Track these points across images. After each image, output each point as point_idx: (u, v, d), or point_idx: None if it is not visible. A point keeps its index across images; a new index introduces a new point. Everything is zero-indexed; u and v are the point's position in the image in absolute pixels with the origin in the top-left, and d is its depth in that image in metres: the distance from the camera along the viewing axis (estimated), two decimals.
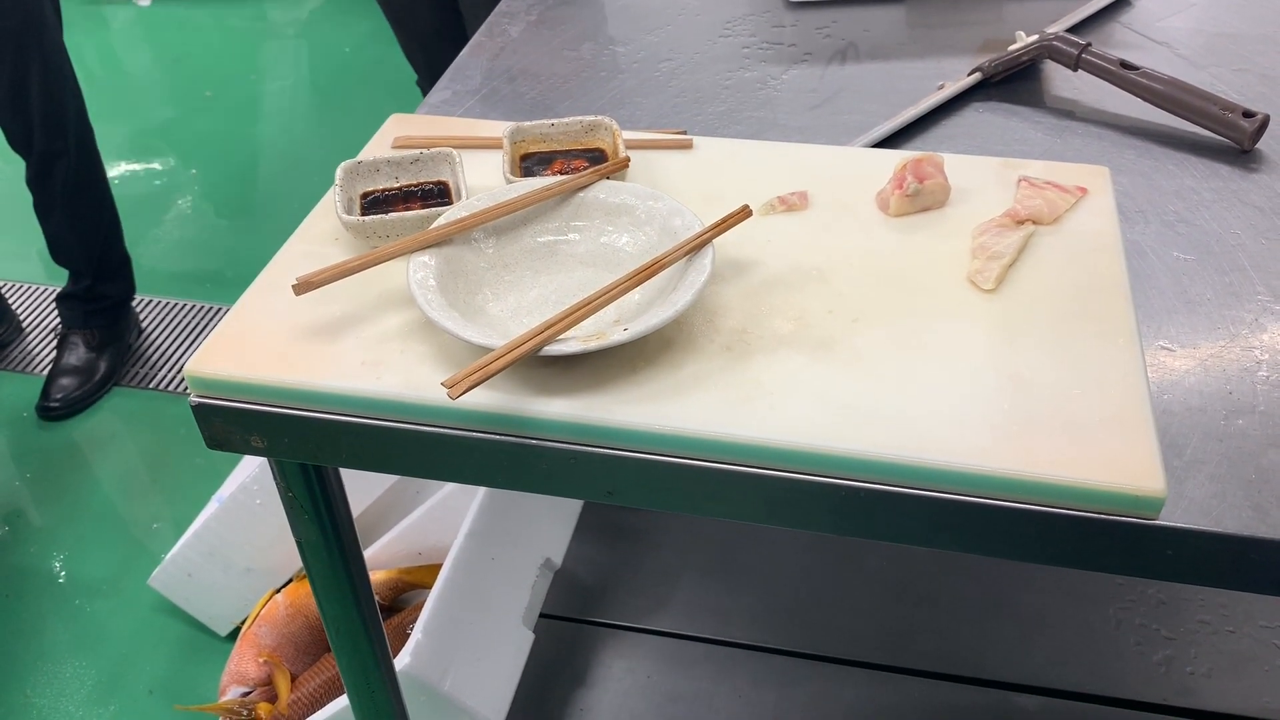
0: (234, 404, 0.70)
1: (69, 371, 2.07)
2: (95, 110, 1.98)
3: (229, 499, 1.52)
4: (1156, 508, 0.60)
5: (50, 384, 2.06)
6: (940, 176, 0.80)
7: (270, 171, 2.75)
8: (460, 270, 0.74)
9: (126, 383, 2.11)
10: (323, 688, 1.44)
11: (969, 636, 1.41)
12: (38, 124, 1.87)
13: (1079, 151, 0.96)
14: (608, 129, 0.86)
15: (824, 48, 1.15)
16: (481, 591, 1.32)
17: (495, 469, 0.69)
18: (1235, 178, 0.91)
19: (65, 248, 2.05)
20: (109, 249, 2.08)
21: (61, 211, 1.99)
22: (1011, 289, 0.73)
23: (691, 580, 1.51)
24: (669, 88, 1.09)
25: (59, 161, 1.93)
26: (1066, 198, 0.80)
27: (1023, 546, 0.63)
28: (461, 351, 0.69)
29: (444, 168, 0.84)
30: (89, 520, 1.85)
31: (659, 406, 0.65)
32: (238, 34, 3.42)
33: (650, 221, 0.76)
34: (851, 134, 0.99)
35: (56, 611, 1.69)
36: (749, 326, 0.71)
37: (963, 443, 0.62)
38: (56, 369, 2.07)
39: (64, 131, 1.90)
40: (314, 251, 0.79)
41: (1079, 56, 1.03)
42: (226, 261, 2.45)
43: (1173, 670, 1.35)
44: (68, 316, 2.12)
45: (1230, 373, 0.71)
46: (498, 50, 1.17)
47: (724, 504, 0.66)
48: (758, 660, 1.41)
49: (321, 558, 0.84)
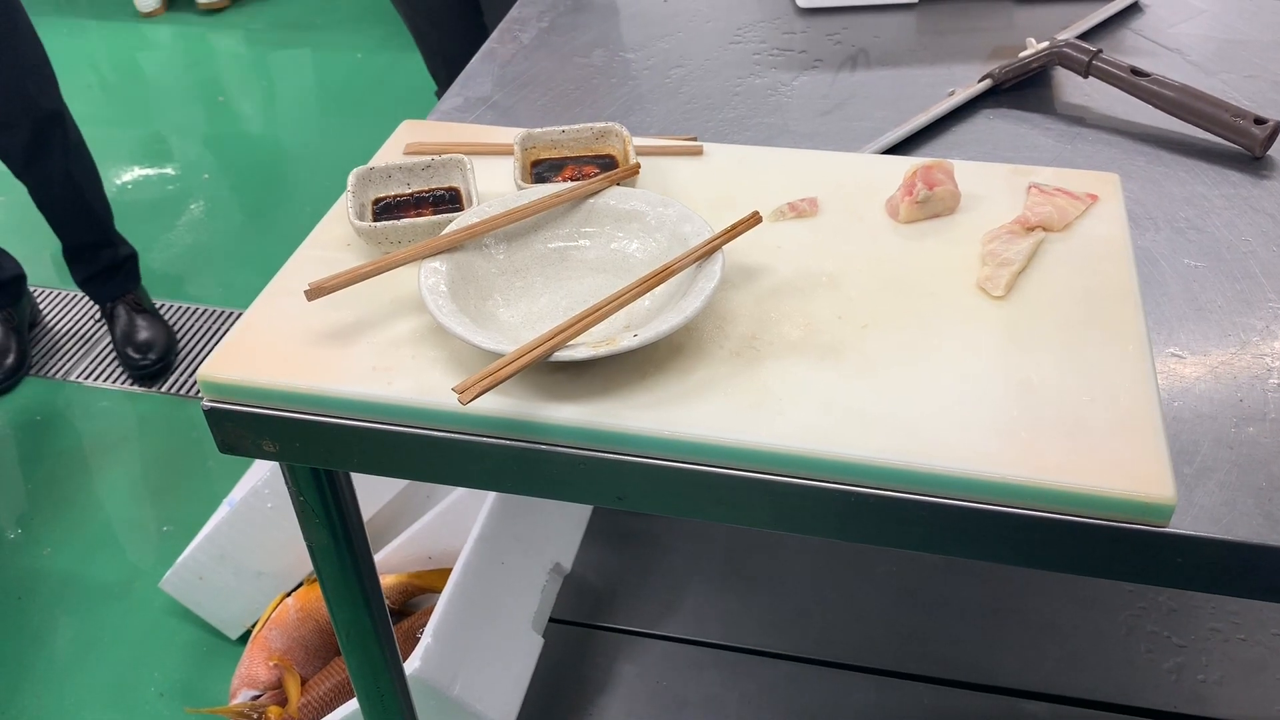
0: (246, 409, 0.71)
1: (145, 330, 2.15)
2: (109, 116, 1.99)
3: (240, 503, 1.52)
4: (1166, 515, 0.60)
5: (131, 348, 2.12)
6: (950, 183, 0.80)
7: (282, 177, 2.76)
8: (471, 276, 0.74)
9: (137, 386, 2.13)
10: (333, 691, 1.45)
11: (979, 643, 1.41)
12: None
13: (1089, 158, 0.96)
14: (618, 135, 0.86)
15: (834, 54, 1.15)
16: (491, 596, 1.32)
17: (505, 474, 0.69)
18: (1246, 184, 0.91)
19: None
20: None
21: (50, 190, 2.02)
22: (1021, 296, 0.73)
23: (701, 585, 1.50)
24: (679, 94, 1.09)
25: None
26: (1077, 204, 0.80)
27: (1032, 553, 0.63)
28: (472, 357, 0.69)
29: (455, 174, 0.84)
30: (101, 523, 1.86)
31: (669, 412, 0.65)
32: (250, 39, 3.44)
33: (660, 228, 0.77)
34: (861, 140, 0.99)
35: (68, 614, 1.70)
36: (759, 332, 0.71)
37: (972, 449, 0.62)
38: (130, 334, 2.13)
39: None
40: (326, 257, 0.80)
41: (1090, 63, 1.03)
42: (239, 266, 2.46)
43: (1184, 678, 1.35)
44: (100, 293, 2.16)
45: (1241, 380, 0.71)
46: (509, 57, 1.17)
47: (733, 510, 0.66)
48: (767, 666, 1.41)
49: (332, 562, 0.85)
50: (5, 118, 1.91)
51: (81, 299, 2.33)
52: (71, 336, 2.26)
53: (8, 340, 2.15)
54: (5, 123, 1.92)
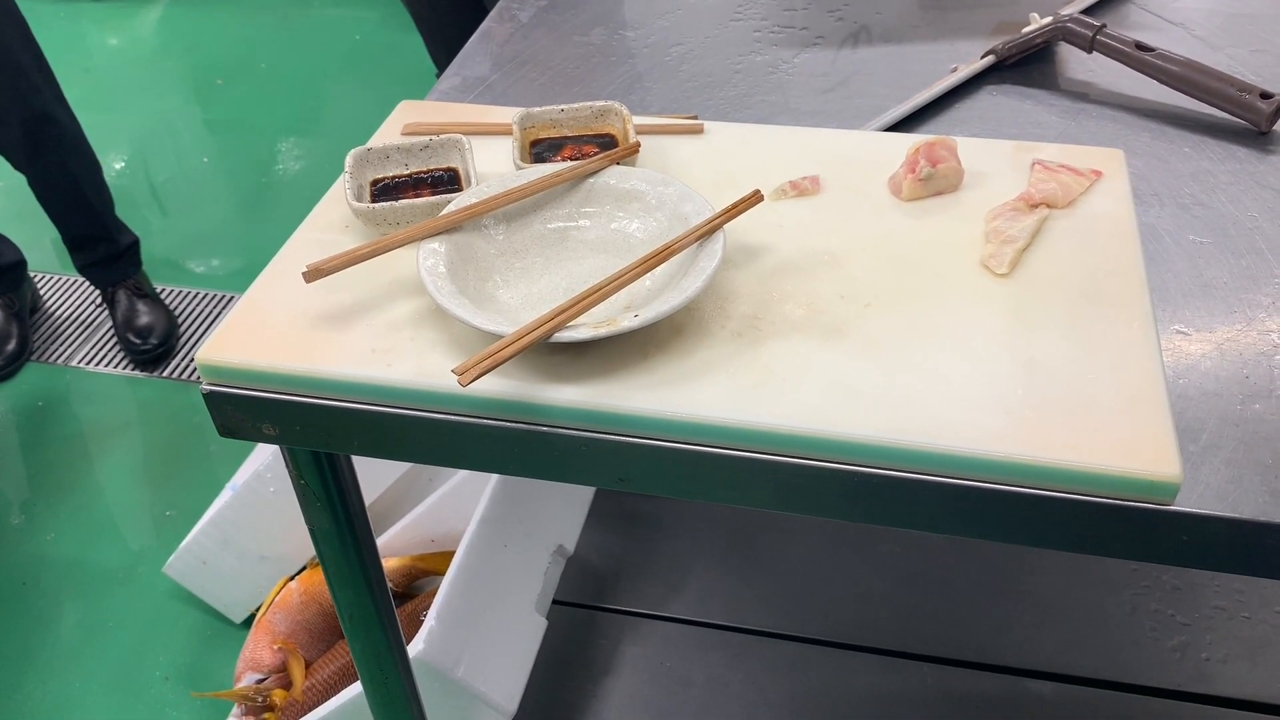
0: (245, 392, 0.70)
1: (145, 315, 2.14)
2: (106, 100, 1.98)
3: (243, 487, 1.52)
4: (1172, 493, 0.59)
5: (132, 333, 2.12)
6: (953, 160, 0.80)
7: (280, 159, 2.75)
8: (470, 257, 0.73)
9: (139, 371, 2.12)
10: (337, 674, 1.45)
11: (982, 622, 1.41)
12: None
13: (1093, 134, 0.95)
14: (618, 114, 0.85)
15: (836, 31, 1.14)
16: (494, 578, 1.32)
17: (507, 456, 0.69)
18: (1252, 160, 0.90)
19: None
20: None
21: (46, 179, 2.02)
22: (1025, 273, 0.73)
23: (704, 566, 1.51)
24: (679, 72, 1.08)
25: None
26: (1081, 181, 0.80)
27: (1036, 532, 0.63)
28: (472, 338, 0.69)
29: (454, 154, 0.83)
30: (104, 508, 1.86)
31: (670, 393, 0.65)
32: (248, 22, 3.42)
33: (661, 207, 0.76)
34: (864, 118, 0.98)
35: (72, 599, 1.70)
36: (760, 312, 0.70)
37: (976, 428, 0.62)
38: (130, 319, 2.12)
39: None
40: (324, 239, 0.79)
41: (1094, 38, 1.02)
42: (237, 249, 2.46)
43: (1188, 656, 1.35)
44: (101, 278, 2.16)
45: (1247, 357, 0.71)
46: (507, 36, 1.16)
47: (736, 490, 0.66)
48: (770, 646, 1.41)
49: (334, 545, 0.84)
50: None
51: (82, 284, 2.32)
52: (72, 322, 2.26)
53: (9, 326, 2.15)
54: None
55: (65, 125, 1.99)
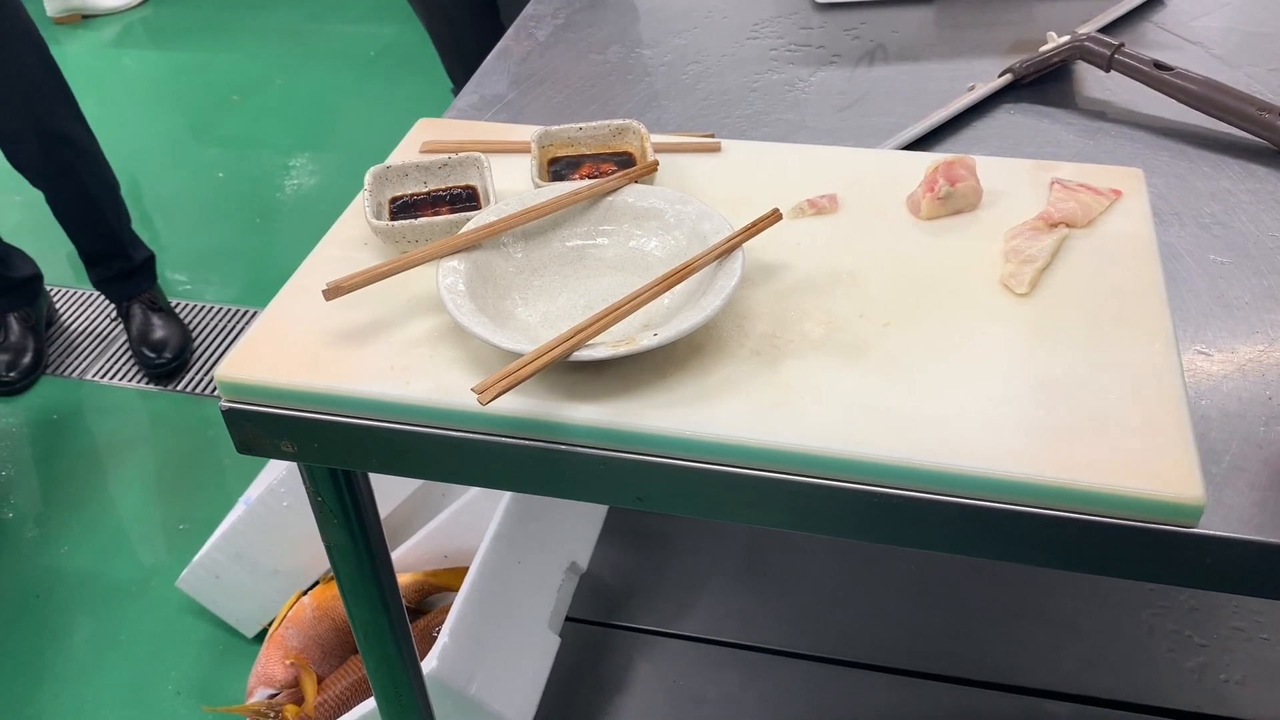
0: (264, 409, 0.71)
1: (160, 329, 2.16)
2: (123, 116, 1.99)
3: (256, 501, 1.52)
4: (1195, 515, 0.59)
5: (146, 347, 2.14)
6: (972, 179, 0.80)
7: (295, 175, 2.76)
8: (489, 275, 0.73)
9: (153, 385, 2.13)
10: (349, 690, 1.45)
11: (998, 642, 1.40)
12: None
13: (1112, 153, 0.95)
14: (635, 132, 0.86)
15: (852, 49, 1.14)
16: (507, 595, 1.32)
17: (524, 474, 0.68)
18: (1272, 179, 0.90)
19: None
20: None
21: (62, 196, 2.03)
22: (1045, 293, 0.72)
23: (718, 584, 1.50)
24: (696, 90, 1.08)
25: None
26: (1100, 200, 0.79)
27: (1058, 554, 0.62)
28: (491, 357, 0.69)
29: (472, 172, 0.84)
30: (117, 522, 1.86)
31: (688, 412, 0.65)
32: (263, 38, 3.44)
33: (679, 225, 0.76)
34: (881, 136, 0.98)
35: (85, 612, 1.70)
36: (779, 331, 0.70)
37: (996, 448, 0.61)
38: (145, 333, 2.14)
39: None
40: (343, 256, 0.80)
41: (1111, 57, 1.01)
42: (256, 265, 2.46)
43: (1206, 677, 1.33)
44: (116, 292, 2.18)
45: (1270, 378, 0.70)
46: (524, 54, 1.17)
47: (753, 510, 0.66)
48: (784, 665, 1.40)
49: (350, 562, 0.84)
50: (10, 133, 1.92)
51: (97, 298, 2.33)
52: (88, 336, 2.27)
53: (24, 339, 2.16)
54: (11, 137, 1.93)
55: (83, 143, 2.00)
